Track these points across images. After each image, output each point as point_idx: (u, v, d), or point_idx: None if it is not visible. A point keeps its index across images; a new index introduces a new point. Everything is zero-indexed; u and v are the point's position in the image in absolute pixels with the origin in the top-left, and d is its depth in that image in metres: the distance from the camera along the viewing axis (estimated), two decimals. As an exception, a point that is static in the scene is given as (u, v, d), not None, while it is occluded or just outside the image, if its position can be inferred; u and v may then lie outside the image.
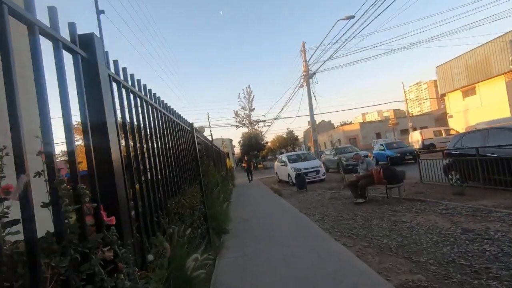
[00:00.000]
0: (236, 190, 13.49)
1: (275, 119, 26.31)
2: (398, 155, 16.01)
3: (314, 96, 14.98)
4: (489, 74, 20.40)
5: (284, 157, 14.15)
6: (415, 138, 22.11)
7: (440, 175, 7.87)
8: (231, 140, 48.60)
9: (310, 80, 15.25)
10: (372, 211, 5.69)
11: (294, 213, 6.43)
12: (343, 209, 6.29)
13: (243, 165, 13.89)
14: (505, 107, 19.53)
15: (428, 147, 19.47)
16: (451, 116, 25.07)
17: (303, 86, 16.03)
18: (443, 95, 25.83)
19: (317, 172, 12.39)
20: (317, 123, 16.20)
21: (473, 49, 21.45)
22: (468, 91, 22.94)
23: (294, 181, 12.30)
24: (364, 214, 5.51)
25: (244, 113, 42.64)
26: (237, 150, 61.25)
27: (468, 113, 23.11)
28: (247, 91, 42.77)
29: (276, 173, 15.52)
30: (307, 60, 15.84)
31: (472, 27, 18.10)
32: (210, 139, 9.74)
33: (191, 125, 4.69)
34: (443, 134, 21.04)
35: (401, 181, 6.11)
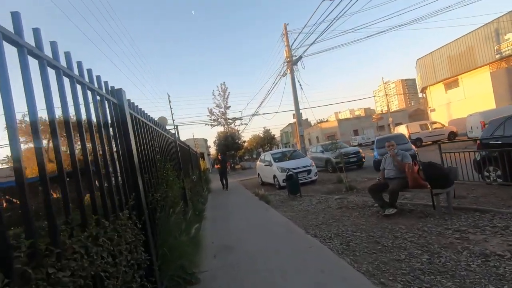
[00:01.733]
0: (212, 197, 11.23)
1: (253, 115, 24.22)
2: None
3: (300, 85, 13.16)
4: (473, 65, 19.83)
5: (268, 155, 12.10)
6: (401, 132, 21.09)
7: (469, 171, 6.20)
8: (206, 140, 45.93)
9: (295, 67, 13.36)
10: (420, 230, 3.76)
11: (298, 235, 4.35)
12: (369, 226, 4.31)
13: (216, 166, 11.16)
14: (490, 99, 18.98)
15: (415, 142, 18.40)
16: (433, 110, 24.52)
17: (286, 74, 14.11)
18: (425, 88, 25.25)
19: (308, 172, 10.47)
20: (302, 117, 14.33)
21: (456, 40, 20.83)
22: (451, 83, 22.40)
23: (281, 183, 10.29)
24: (412, 237, 3.56)
25: (219, 111, 40.14)
26: (213, 150, 58.64)
27: (451, 106, 22.58)
28: (222, 88, 40.29)
29: (258, 174, 13.43)
30: (290, 45, 13.96)
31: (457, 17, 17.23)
32: (179, 136, 7.49)
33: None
34: (429, 128, 20.17)
35: (452, 183, 4.24)
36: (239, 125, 40.57)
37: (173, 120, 26.23)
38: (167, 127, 6.96)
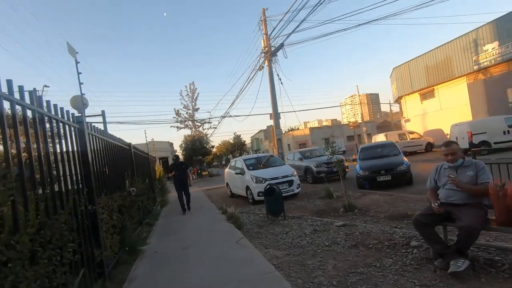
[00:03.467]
0: (166, 214, 8.70)
1: (223, 117, 21.91)
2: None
3: (280, 80, 11.21)
4: (449, 75, 19.49)
5: (239, 161, 9.88)
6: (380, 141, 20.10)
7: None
8: (171, 144, 42.52)
9: (274, 58, 11.43)
10: None
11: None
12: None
13: (170, 174, 7.93)
14: (466, 110, 18.64)
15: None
16: (408, 120, 24.10)
17: (262, 67, 12.12)
18: (400, 97, 24.83)
19: (290, 183, 8.42)
20: (275, 123, 12.44)
21: (433, 49, 20.50)
22: (427, 93, 22.06)
23: (256, 197, 8.14)
24: None
25: (187, 113, 37.19)
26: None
27: (426, 117, 22.20)
28: (190, 88, 37.46)
29: (227, 184, 11.12)
30: (269, 33, 12.06)
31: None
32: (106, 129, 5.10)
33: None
34: (408, 138, 19.37)
35: None
36: (207, 129, 37.87)
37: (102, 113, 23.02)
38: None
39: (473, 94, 18.26)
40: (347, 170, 12.63)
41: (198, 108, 37.52)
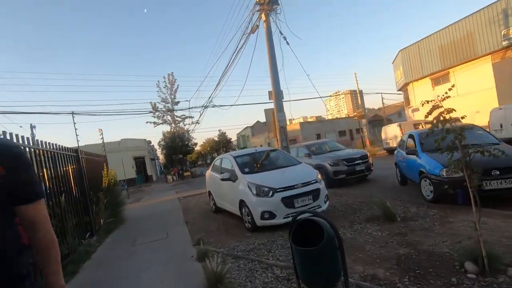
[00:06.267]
0: (105, 251, 5.04)
1: (205, 106, 18.19)
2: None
3: (285, 39, 7.75)
4: (470, 55, 16.70)
5: (227, 160, 6.33)
6: (392, 134, 17.11)
7: None
8: (148, 142, 38.25)
9: (272, 13, 7.97)
10: None
11: None
12: None
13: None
14: (490, 95, 15.90)
15: None
16: (417, 110, 21.29)
17: (257, 27, 8.62)
18: (406, 84, 22.00)
19: (316, 195, 4.98)
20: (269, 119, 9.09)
21: (450, 25, 17.64)
22: (440, 78, 19.26)
23: (259, 220, 4.68)
24: None
25: (165, 107, 33.01)
26: (159, 154, 50.40)
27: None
28: (169, 79, 33.31)
29: (209, 193, 7.58)
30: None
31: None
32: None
33: None
34: (423, 127, 16.44)
35: None
36: (189, 124, 33.87)
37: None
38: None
39: (499, 76, 15.53)
40: (372, 168, 9.40)
41: (178, 102, 33.39)
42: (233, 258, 3.85)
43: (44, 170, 4.21)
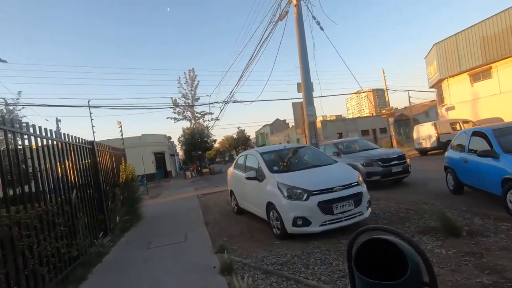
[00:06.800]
0: (118, 253, 4.56)
1: (226, 102, 17.69)
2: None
3: (318, 24, 6.99)
4: (518, 48, 15.08)
5: (253, 157, 5.70)
6: (425, 133, 15.82)
7: None
8: (168, 137, 38.54)
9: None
10: None
11: None
12: None
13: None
14: (541, 93, 14.26)
15: (445, 145, 13.00)
16: (452, 108, 19.73)
17: (286, 14, 7.91)
18: (441, 81, 20.42)
19: (357, 199, 4.25)
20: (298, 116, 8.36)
21: (495, 15, 16.04)
22: (480, 73, 17.64)
23: (290, 226, 3.99)
24: None
25: (186, 103, 33.00)
26: (179, 150, 50.83)
27: (478, 103, 17.81)
28: (189, 75, 33.25)
29: (231, 192, 7.01)
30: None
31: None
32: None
33: None
34: (462, 128, 15.06)
35: None
36: (208, 121, 33.67)
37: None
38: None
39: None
40: (410, 170, 8.46)
41: (199, 98, 33.25)
42: (263, 273, 3.22)
43: (52, 163, 3.77)
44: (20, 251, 2.75)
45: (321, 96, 10.85)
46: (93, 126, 25.43)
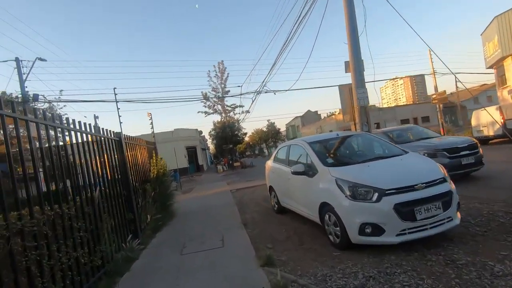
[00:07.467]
0: (148, 258, 3.97)
1: (258, 92, 16.89)
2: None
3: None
4: None
5: (299, 147, 4.83)
6: (487, 119, 13.80)
7: None
8: (199, 132, 38.78)
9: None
10: None
11: None
12: None
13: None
14: None
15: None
16: (516, 90, 17.12)
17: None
18: (502, 59, 17.78)
19: (446, 201, 3.21)
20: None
21: None
22: (555, 48, 14.97)
23: (356, 235, 3.02)
24: None
25: (216, 96, 32.78)
26: (210, 144, 51.28)
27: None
28: (219, 68, 32.92)
29: (270, 188, 6.21)
30: None
31: None
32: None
33: None
34: (534, 111, 12.82)
35: None
36: (239, 114, 33.21)
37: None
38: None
39: None
40: (483, 162, 7.03)
41: (229, 91, 32.85)
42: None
43: (76, 156, 3.21)
44: (24, 268, 2.17)
45: (374, 81, 9.18)
46: (119, 116, 25.97)
